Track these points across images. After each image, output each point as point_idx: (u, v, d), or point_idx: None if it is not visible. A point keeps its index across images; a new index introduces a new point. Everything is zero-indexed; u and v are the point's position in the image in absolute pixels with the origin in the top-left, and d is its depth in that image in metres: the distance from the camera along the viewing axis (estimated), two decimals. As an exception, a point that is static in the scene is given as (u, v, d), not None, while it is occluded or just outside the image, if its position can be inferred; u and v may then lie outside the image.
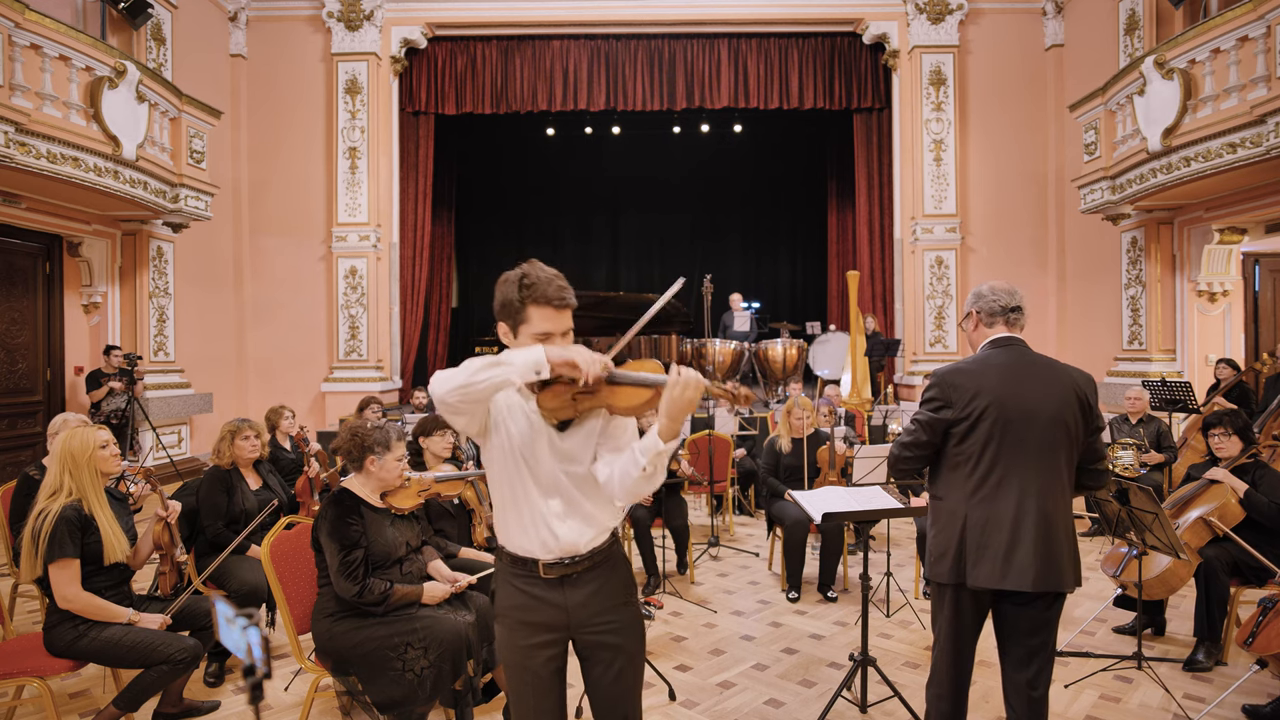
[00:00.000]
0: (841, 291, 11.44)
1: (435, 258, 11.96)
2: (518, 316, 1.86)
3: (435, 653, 2.82)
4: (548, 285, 1.84)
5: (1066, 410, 2.44)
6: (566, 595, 1.93)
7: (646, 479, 1.82)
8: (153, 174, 7.56)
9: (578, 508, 1.93)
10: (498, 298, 1.90)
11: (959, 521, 2.46)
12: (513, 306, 1.86)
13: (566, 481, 1.91)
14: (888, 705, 3.42)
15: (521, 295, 1.84)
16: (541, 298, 1.84)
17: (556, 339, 1.86)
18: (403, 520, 3.17)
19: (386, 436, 3.09)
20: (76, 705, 3.48)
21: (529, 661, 1.94)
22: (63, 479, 2.97)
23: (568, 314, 1.89)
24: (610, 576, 1.98)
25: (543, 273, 1.86)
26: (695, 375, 1.74)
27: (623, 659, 1.97)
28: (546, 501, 1.91)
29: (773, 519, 5.35)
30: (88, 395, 7.56)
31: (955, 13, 10.27)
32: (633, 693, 2.00)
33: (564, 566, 1.92)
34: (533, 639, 1.94)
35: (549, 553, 1.91)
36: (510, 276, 1.88)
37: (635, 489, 1.84)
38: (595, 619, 1.95)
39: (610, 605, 1.96)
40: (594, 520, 1.95)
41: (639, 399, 1.81)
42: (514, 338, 1.90)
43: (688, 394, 1.72)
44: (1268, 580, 3.75)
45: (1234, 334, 8.23)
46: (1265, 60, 6.02)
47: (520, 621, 1.95)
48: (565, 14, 10.45)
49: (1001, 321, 2.57)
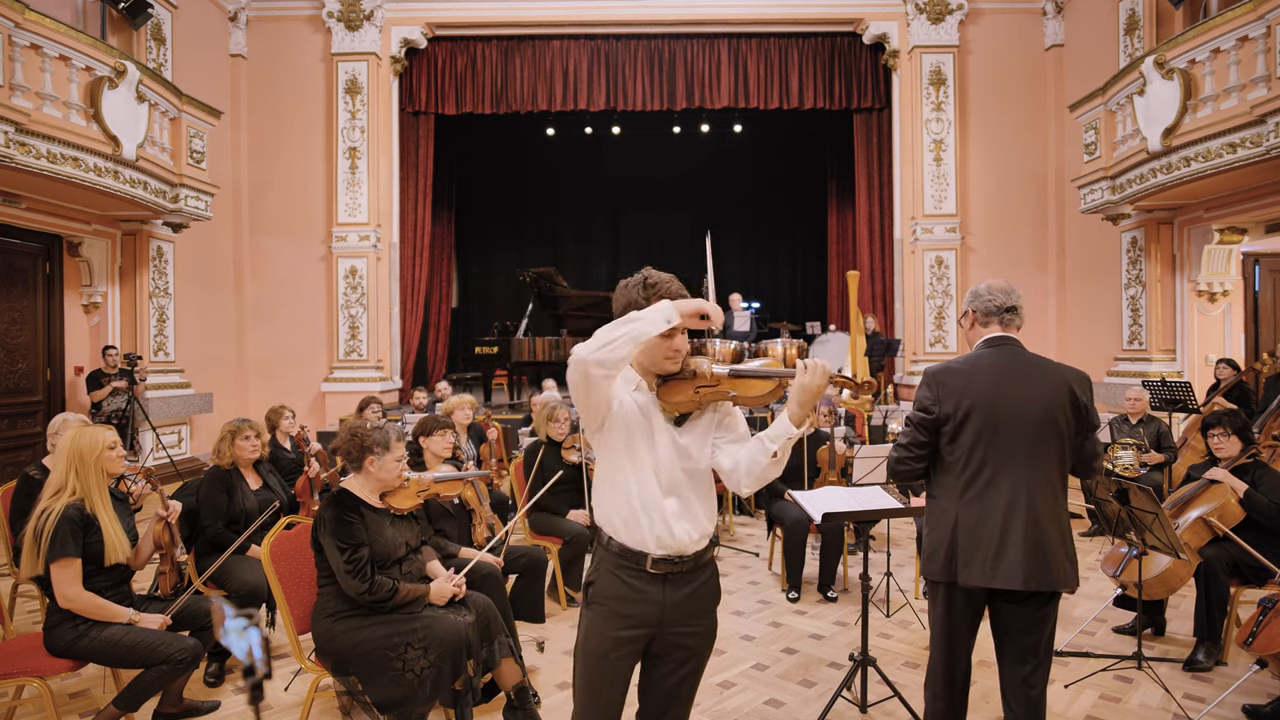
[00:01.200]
0: (841, 291, 11.44)
1: (435, 258, 11.96)
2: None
3: (435, 653, 2.82)
4: (669, 284, 1.99)
5: (1058, 409, 2.44)
6: (667, 593, 1.99)
7: (776, 464, 1.94)
8: (153, 174, 7.56)
9: (690, 508, 2.01)
10: (620, 301, 2.01)
11: (950, 520, 2.47)
12: (638, 305, 1.96)
13: (684, 479, 2.01)
14: (888, 705, 3.42)
15: (646, 294, 1.97)
16: (665, 294, 1.96)
17: (678, 335, 1.97)
18: (402, 520, 3.17)
19: (386, 437, 3.09)
20: (76, 705, 3.48)
21: (612, 651, 1.99)
22: (68, 478, 2.97)
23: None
24: (707, 581, 2.07)
25: (663, 275, 2.01)
26: (823, 363, 1.88)
27: (693, 664, 2.07)
28: (665, 500, 1.98)
29: (773, 519, 5.35)
30: (88, 395, 7.56)
31: (955, 13, 10.27)
32: (692, 693, 2.11)
33: (671, 564, 1.99)
34: (623, 630, 1.99)
35: (661, 548, 1.98)
36: (632, 280, 2.02)
37: (764, 474, 1.96)
38: (685, 620, 2.02)
39: (701, 610, 2.05)
40: (701, 522, 2.03)
41: (764, 389, 1.94)
42: None
43: (817, 380, 1.87)
44: (1268, 580, 3.75)
45: (1234, 334, 8.23)
46: (1265, 60, 6.02)
47: (616, 612, 1.99)
48: (565, 14, 10.46)
49: (996, 321, 2.57)
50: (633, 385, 2.02)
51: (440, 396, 8.15)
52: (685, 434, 2.02)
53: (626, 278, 2.04)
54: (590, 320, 11.88)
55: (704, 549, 2.04)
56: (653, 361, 2.00)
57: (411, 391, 8.97)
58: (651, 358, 2.00)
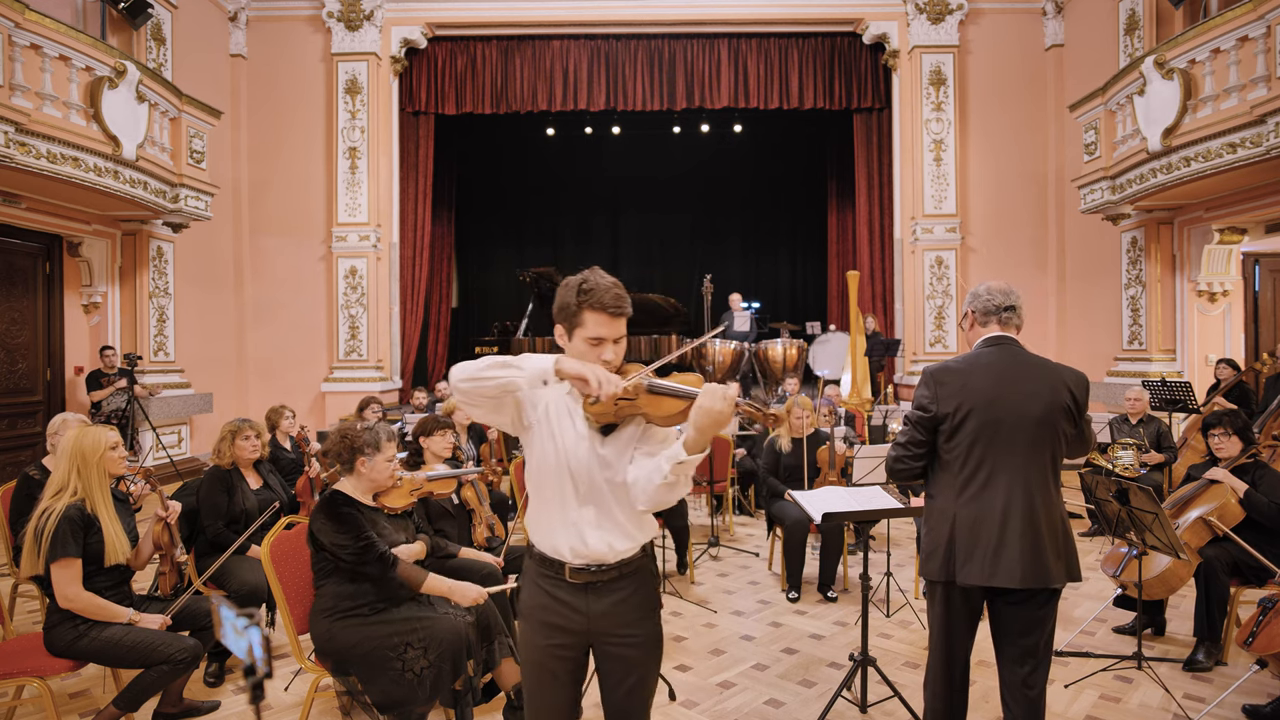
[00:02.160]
0: (841, 291, 11.44)
1: (435, 258, 11.96)
2: (574, 320, 1.91)
3: (435, 652, 2.82)
4: (604, 292, 1.89)
5: (1055, 409, 2.46)
6: (589, 602, 1.94)
7: (668, 488, 1.82)
8: (153, 174, 7.56)
9: (611, 517, 1.93)
10: (557, 301, 1.95)
11: (949, 520, 2.48)
12: (570, 310, 1.91)
13: (605, 489, 1.93)
14: (888, 705, 3.42)
15: (579, 300, 1.89)
16: (598, 303, 1.88)
17: (608, 344, 1.90)
18: (395, 519, 3.18)
19: (376, 437, 3.08)
20: (76, 705, 3.48)
21: (547, 661, 1.96)
22: (70, 477, 2.97)
23: (622, 322, 1.93)
24: (636, 590, 1.98)
25: (602, 280, 1.91)
26: (725, 389, 1.73)
27: (637, 674, 1.98)
28: (581, 509, 1.92)
29: (773, 519, 5.35)
30: (88, 395, 7.56)
31: (955, 13, 10.27)
32: (644, 707, 2.02)
33: (590, 573, 1.93)
34: (552, 640, 1.95)
35: (577, 558, 1.92)
36: (571, 281, 1.93)
37: (656, 496, 1.85)
38: (616, 630, 1.95)
39: (632, 619, 1.96)
40: (626, 532, 1.95)
41: (674, 409, 1.82)
42: (569, 340, 1.94)
43: (717, 406, 1.72)
44: (1268, 580, 3.75)
45: (1234, 334, 8.23)
46: (1265, 60, 6.02)
47: (541, 622, 1.97)
48: (565, 14, 10.46)
49: (995, 321, 2.59)
50: (565, 389, 1.95)
51: (441, 396, 8.15)
52: (608, 444, 1.92)
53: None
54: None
55: (629, 558, 1.96)
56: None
57: (411, 391, 8.98)
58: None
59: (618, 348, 1.92)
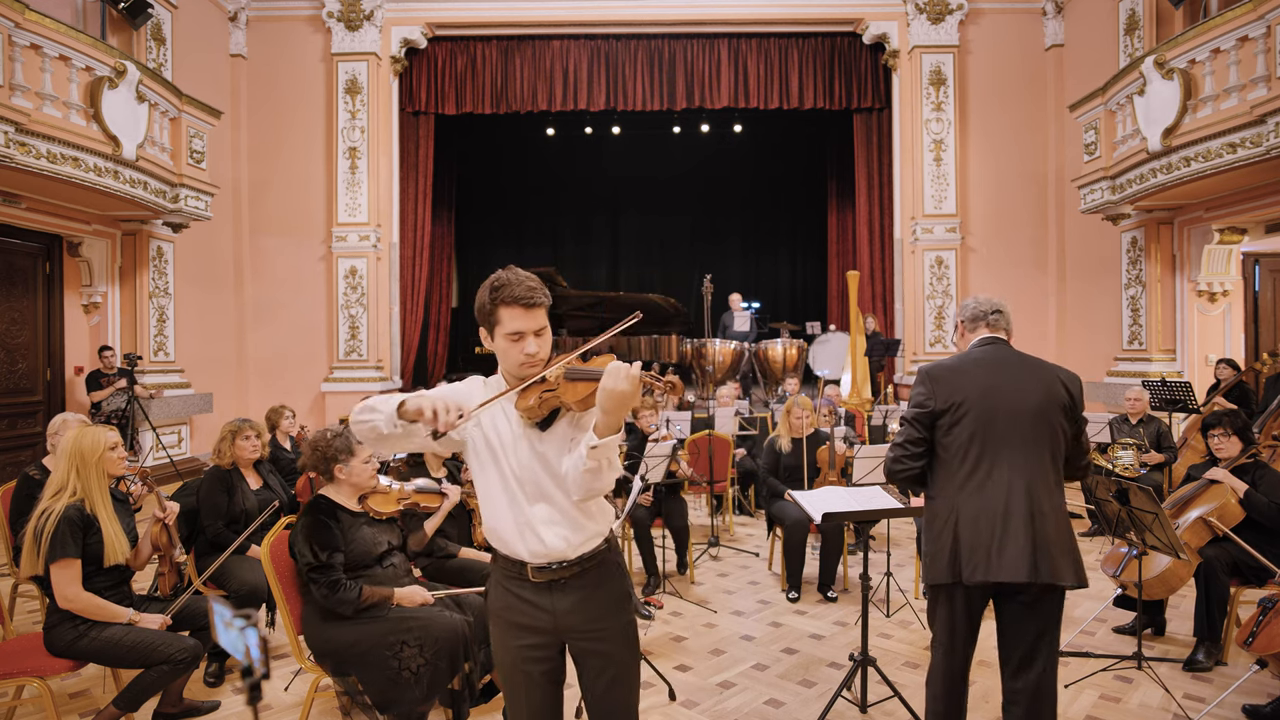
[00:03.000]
0: (841, 291, 11.44)
1: (435, 258, 11.96)
2: (490, 319, 1.89)
3: (431, 650, 2.83)
4: (516, 286, 1.85)
5: (1051, 405, 2.48)
6: (554, 600, 1.92)
7: (593, 474, 1.79)
8: (153, 174, 7.56)
9: (563, 511, 1.90)
10: (475, 305, 1.93)
11: (951, 518, 2.47)
12: (485, 310, 1.89)
13: (550, 484, 1.90)
14: (888, 705, 3.42)
15: (492, 298, 1.87)
16: (510, 298, 1.85)
17: (529, 338, 1.87)
18: (380, 524, 3.19)
19: (348, 442, 3.09)
20: (76, 705, 3.48)
21: (520, 663, 1.95)
22: (69, 478, 2.97)
23: (539, 312, 1.89)
24: (600, 585, 1.96)
25: (513, 275, 1.88)
26: (627, 366, 1.69)
27: (614, 668, 1.96)
28: (532, 508, 1.90)
29: (773, 519, 5.35)
30: (88, 395, 7.55)
31: (955, 13, 10.27)
32: (626, 702, 1.99)
33: (552, 571, 1.91)
34: (522, 640, 1.95)
35: (537, 558, 1.91)
36: (486, 282, 1.91)
37: (585, 483, 1.82)
38: (584, 626, 1.94)
39: (599, 614, 1.94)
40: (581, 526, 1.92)
41: (586, 391, 1.78)
42: (492, 339, 1.92)
43: (620, 386, 1.67)
44: (1268, 580, 3.75)
45: (1234, 334, 8.22)
46: (1265, 60, 6.02)
47: (510, 623, 1.96)
48: (565, 14, 10.45)
49: (983, 324, 2.67)
50: (499, 389, 1.95)
51: (440, 396, 8.14)
52: (546, 439, 1.90)
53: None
54: (590, 320, 11.88)
55: (590, 552, 1.94)
56: (513, 370, 1.92)
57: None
58: (510, 367, 1.92)
59: (540, 340, 1.89)
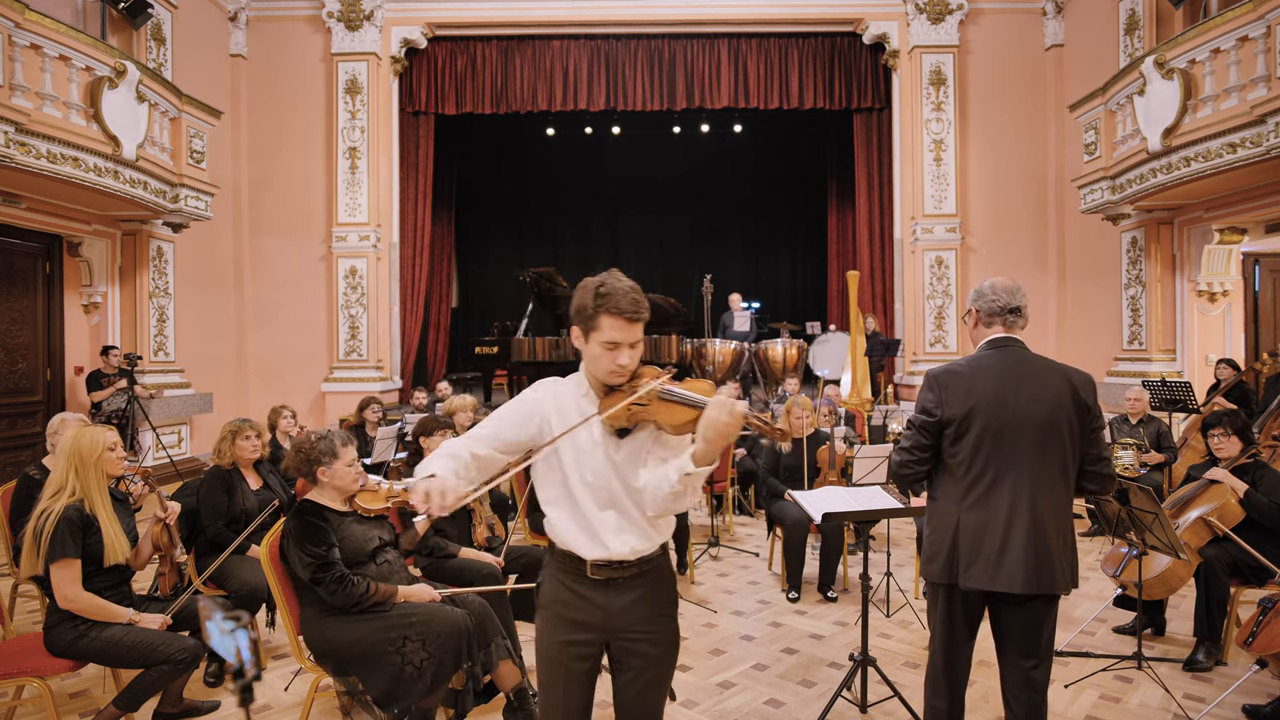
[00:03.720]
0: (841, 291, 11.44)
1: (435, 258, 11.96)
2: (591, 323, 1.89)
3: (435, 645, 2.82)
4: (622, 297, 1.86)
5: (1061, 412, 2.42)
6: (610, 598, 1.95)
7: (675, 497, 1.83)
8: (153, 174, 7.56)
9: (631, 520, 1.94)
10: (574, 302, 1.93)
11: (952, 523, 2.46)
12: (586, 313, 1.89)
13: (622, 494, 1.93)
14: (888, 705, 3.42)
15: (596, 303, 1.87)
16: (614, 308, 1.85)
17: (624, 349, 1.88)
18: (370, 520, 3.19)
19: (331, 445, 3.09)
20: (76, 705, 3.48)
21: (563, 656, 1.97)
22: (68, 477, 2.96)
23: (639, 326, 1.90)
24: (655, 587, 2.00)
25: (620, 283, 1.88)
26: (735, 402, 1.73)
27: (653, 671, 1.99)
28: (601, 514, 1.93)
29: (773, 519, 5.35)
30: (88, 395, 7.55)
31: (955, 13, 10.27)
32: (657, 706, 2.03)
33: (611, 569, 1.94)
34: (571, 635, 1.96)
35: (599, 558, 1.94)
36: (589, 283, 1.91)
37: (665, 504, 1.86)
38: (634, 626, 1.96)
39: (651, 615, 1.98)
40: (649, 536, 1.97)
41: (683, 417, 1.83)
42: (585, 342, 1.93)
43: (723, 418, 1.71)
44: (1268, 580, 3.75)
45: (1234, 334, 8.22)
46: (1265, 60, 6.02)
47: (561, 617, 1.98)
48: (565, 14, 10.45)
49: (1000, 322, 2.55)
50: (582, 391, 1.98)
51: (441, 396, 8.15)
52: (623, 448, 1.93)
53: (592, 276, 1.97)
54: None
55: (650, 554, 1.98)
56: (598, 375, 1.94)
57: (411, 391, 8.98)
58: (597, 372, 1.93)
59: (634, 352, 1.91)
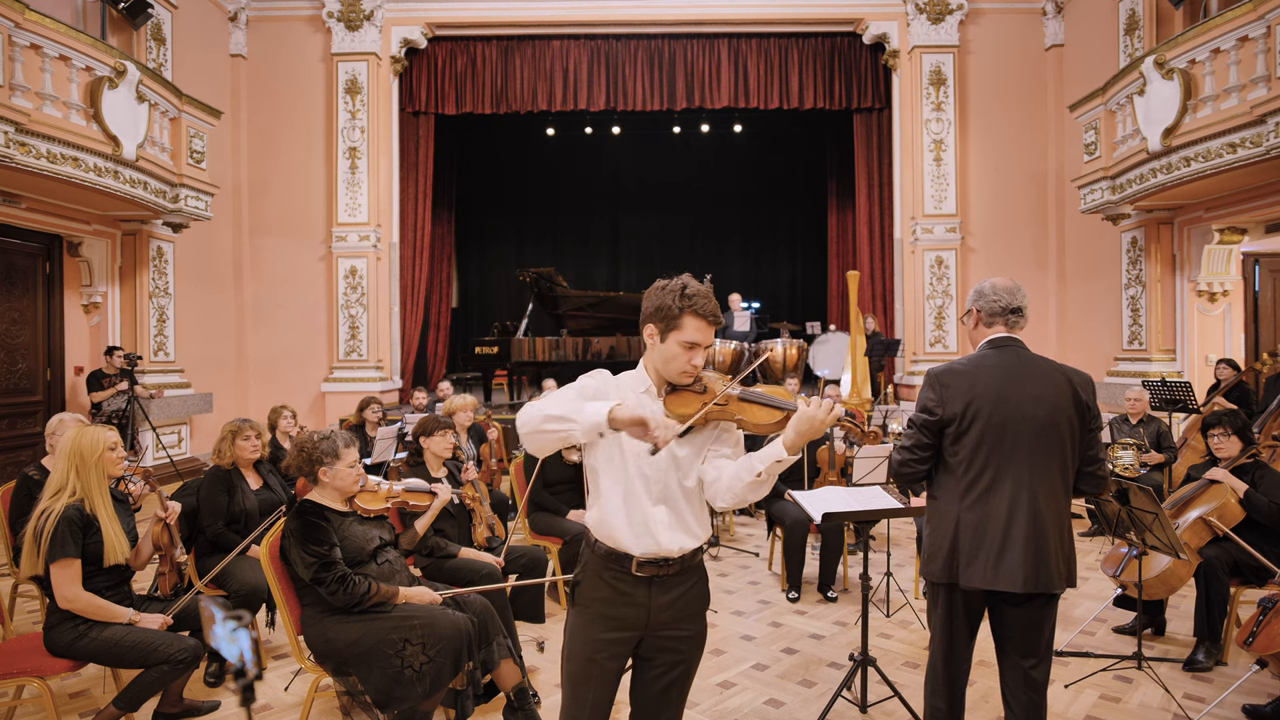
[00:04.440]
0: (841, 291, 11.44)
1: (435, 258, 11.96)
2: (673, 322, 1.95)
3: (435, 648, 2.82)
4: (706, 301, 1.96)
5: (1061, 412, 2.43)
6: (652, 595, 1.98)
7: (757, 485, 1.89)
8: (153, 174, 7.56)
9: (682, 517, 1.99)
10: (652, 301, 1.99)
11: (952, 523, 2.46)
12: (670, 312, 1.95)
13: (677, 491, 1.99)
14: (888, 705, 3.42)
15: (681, 304, 1.94)
16: (701, 310, 1.94)
17: (700, 350, 1.97)
18: (369, 520, 3.19)
19: (334, 446, 3.09)
20: (76, 705, 3.48)
21: (598, 654, 1.99)
22: (68, 477, 2.96)
23: (713, 331, 1.99)
24: (696, 585, 2.05)
25: (701, 287, 1.97)
26: (831, 403, 1.84)
27: (682, 668, 2.04)
28: (655, 509, 1.97)
29: (773, 519, 5.36)
30: (88, 395, 7.55)
31: (955, 13, 10.27)
32: (679, 702, 2.07)
33: (656, 566, 1.98)
34: (610, 633, 1.99)
35: (647, 553, 1.97)
36: (670, 285, 1.98)
37: (743, 494, 1.91)
38: (672, 624, 2.01)
39: (689, 613, 2.04)
40: (693, 532, 2.02)
41: (771, 418, 1.91)
42: (660, 341, 1.99)
43: (822, 415, 1.82)
44: (1268, 580, 3.75)
45: (1234, 334, 8.22)
46: (1265, 60, 6.02)
47: (602, 614, 2.00)
48: (565, 14, 10.45)
49: (1001, 322, 2.55)
50: (643, 388, 2.03)
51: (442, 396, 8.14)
52: (684, 446, 1.98)
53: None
54: (590, 320, 11.87)
55: (691, 553, 2.03)
56: (669, 373, 2.00)
57: (411, 391, 8.97)
58: (668, 370, 1.99)
59: (705, 355, 1.99)
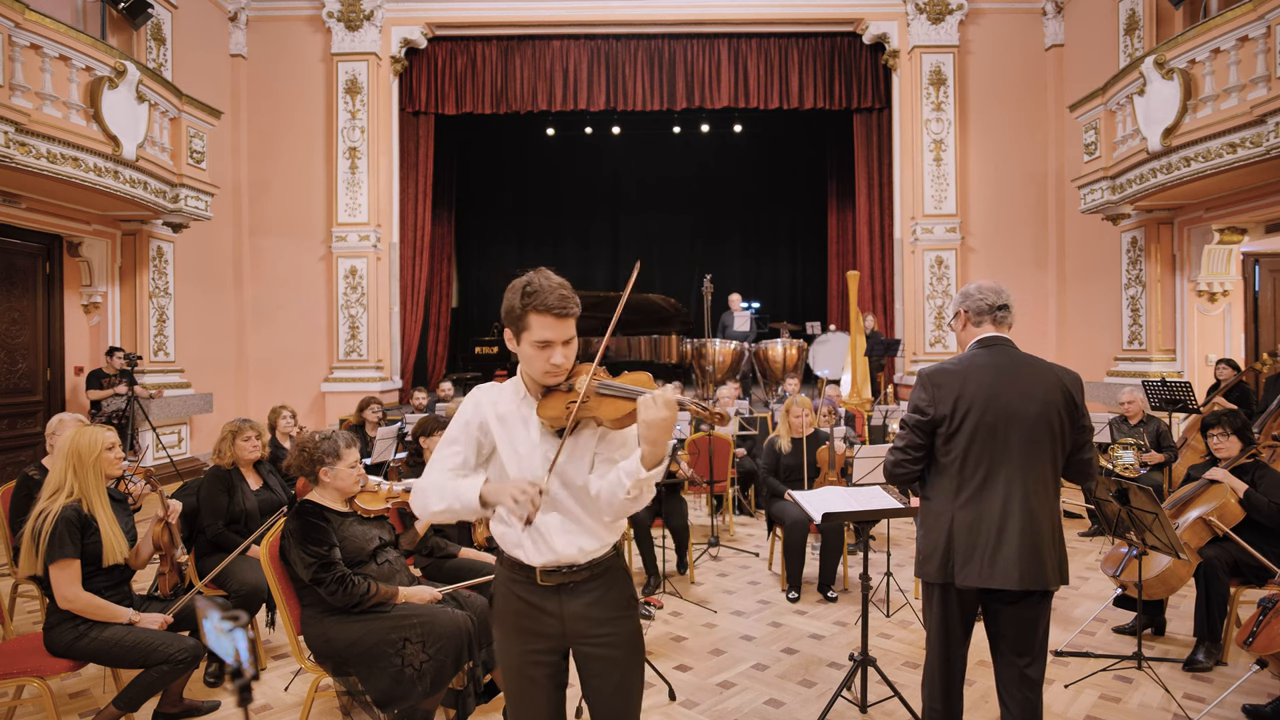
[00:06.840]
0: (841, 291, 11.44)
1: (435, 258, 11.96)
2: (520, 323, 1.87)
3: (434, 646, 2.82)
4: (549, 294, 1.83)
5: (1051, 409, 2.45)
6: (563, 604, 1.92)
7: (631, 501, 1.80)
8: (153, 174, 7.56)
9: (578, 521, 1.91)
10: (504, 304, 1.91)
11: (946, 522, 2.47)
12: (515, 313, 1.87)
13: (565, 494, 1.90)
14: (888, 705, 3.42)
15: (523, 303, 1.85)
16: (542, 306, 1.83)
17: (557, 348, 1.86)
18: (369, 521, 3.19)
19: (335, 446, 3.08)
20: (76, 705, 3.48)
21: (525, 667, 1.94)
22: (66, 477, 2.96)
23: (569, 323, 1.88)
24: (609, 589, 1.96)
25: (546, 281, 1.86)
26: (668, 393, 1.70)
27: (620, 672, 1.95)
28: (544, 516, 1.88)
29: (773, 519, 5.35)
30: (87, 394, 7.55)
31: (955, 13, 10.27)
32: (630, 706, 1.99)
33: (561, 575, 1.91)
34: (529, 645, 1.94)
35: (547, 562, 1.91)
36: (515, 284, 1.89)
37: (621, 510, 1.84)
38: (592, 631, 1.93)
39: (608, 617, 1.94)
40: (595, 533, 1.93)
41: (623, 410, 1.79)
42: (517, 344, 1.91)
43: (661, 413, 1.69)
44: (1268, 580, 3.75)
45: (1234, 334, 8.22)
46: (1265, 60, 6.02)
47: (516, 628, 1.95)
48: (565, 14, 10.46)
49: (989, 320, 2.57)
50: (520, 395, 1.96)
51: (443, 397, 8.16)
52: (565, 454, 1.88)
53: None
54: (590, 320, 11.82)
55: (600, 558, 1.94)
56: (535, 376, 1.91)
57: (412, 391, 8.98)
58: (533, 372, 1.91)
59: (567, 350, 1.88)
